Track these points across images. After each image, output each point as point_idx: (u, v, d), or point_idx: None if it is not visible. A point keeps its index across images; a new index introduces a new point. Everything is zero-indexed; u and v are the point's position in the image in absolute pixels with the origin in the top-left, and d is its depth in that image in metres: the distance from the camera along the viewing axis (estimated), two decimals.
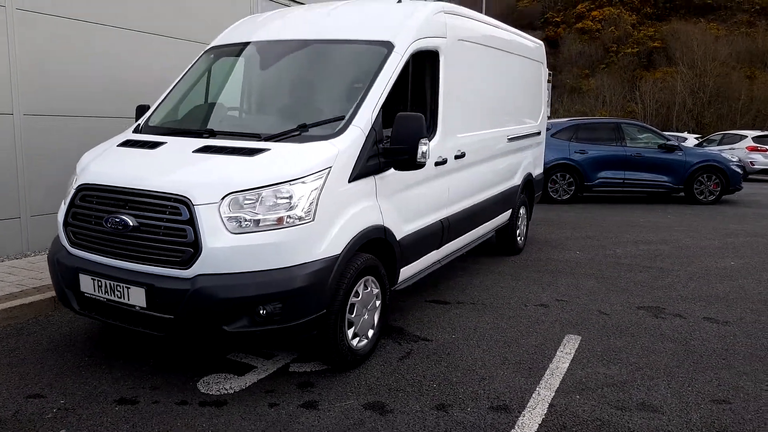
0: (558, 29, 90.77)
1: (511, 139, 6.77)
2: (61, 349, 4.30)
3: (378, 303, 4.26)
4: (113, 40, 7.07)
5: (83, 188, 3.83)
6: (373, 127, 4.01)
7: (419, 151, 4.04)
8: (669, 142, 13.29)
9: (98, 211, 3.70)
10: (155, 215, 3.50)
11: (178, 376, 3.89)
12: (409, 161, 4.07)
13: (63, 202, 4.01)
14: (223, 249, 3.38)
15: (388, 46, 4.38)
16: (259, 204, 3.46)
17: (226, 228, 3.40)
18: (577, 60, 79.36)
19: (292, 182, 3.52)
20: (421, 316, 5.19)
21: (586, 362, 4.35)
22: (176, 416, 3.41)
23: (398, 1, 4.97)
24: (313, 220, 3.56)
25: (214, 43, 5.23)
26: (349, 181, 3.83)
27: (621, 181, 13.06)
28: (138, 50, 7.31)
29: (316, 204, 3.57)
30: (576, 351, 4.54)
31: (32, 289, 5.10)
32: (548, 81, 8.48)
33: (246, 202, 3.47)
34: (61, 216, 3.95)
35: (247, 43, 4.96)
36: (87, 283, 3.70)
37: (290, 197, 3.50)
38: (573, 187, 13.00)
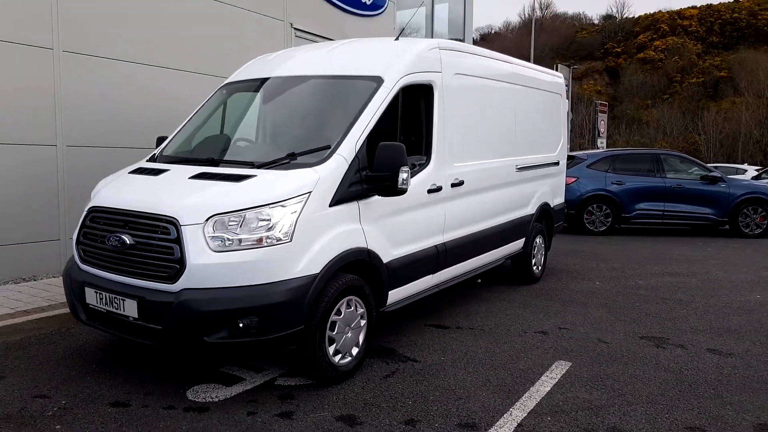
0: (618, 59, 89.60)
1: (521, 169, 6.91)
2: (74, 357, 4.71)
3: (363, 322, 4.47)
4: (148, 78, 7.68)
5: (93, 210, 4.26)
6: (356, 156, 4.28)
7: (400, 178, 4.27)
8: (711, 174, 13.00)
9: (103, 231, 4.10)
10: (149, 234, 3.87)
11: (171, 385, 4.20)
12: (391, 188, 4.31)
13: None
14: (205, 265, 3.70)
15: (377, 81, 4.68)
16: (241, 225, 3.77)
17: (209, 246, 3.72)
18: (638, 90, 78.00)
19: (271, 205, 3.82)
20: (416, 339, 5.35)
21: (569, 387, 4.40)
22: (160, 419, 3.70)
23: (395, 39, 5.29)
24: (291, 240, 3.83)
25: (228, 80, 5.67)
26: (330, 206, 4.10)
27: (660, 213, 12.83)
28: (171, 86, 7.89)
29: (294, 226, 3.85)
30: (562, 376, 4.60)
31: (59, 303, 5.57)
32: (568, 112, 8.58)
33: (230, 223, 3.78)
34: (74, 235, 4.38)
35: (255, 80, 5.38)
36: (91, 296, 4.09)
37: (270, 219, 3.79)
38: (610, 219, 12.85)
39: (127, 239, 3.91)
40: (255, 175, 4.07)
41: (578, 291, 7.40)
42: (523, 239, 7.25)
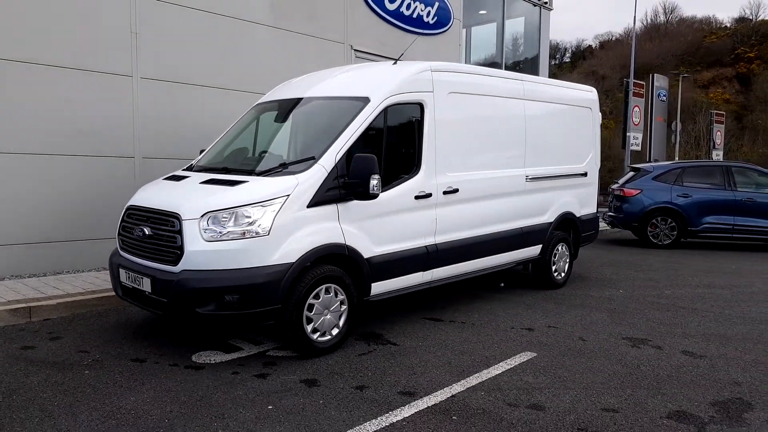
0: (751, 65, 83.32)
1: (533, 179, 7.38)
2: (119, 326, 5.88)
3: (344, 308, 5.25)
4: (214, 99, 8.93)
5: (129, 208, 5.38)
6: (336, 165, 5.09)
7: (370, 185, 5.04)
8: None
9: (133, 224, 5.20)
10: (160, 226, 4.91)
11: (183, 349, 5.21)
12: (363, 193, 5.09)
13: None
14: (199, 252, 4.67)
15: (365, 101, 5.48)
16: (229, 221, 4.70)
17: (202, 237, 4.68)
18: None
19: (253, 205, 4.72)
20: (406, 328, 6.03)
21: (519, 372, 4.91)
22: (163, 372, 4.70)
23: (394, 63, 6.06)
24: (269, 234, 4.71)
25: (258, 101, 6.70)
26: (308, 207, 4.93)
27: (730, 227, 12.48)
28: (235, 106, 9.06)
29: (272, 222, 4.72)
30: (519, 363, 5.10)
31: None
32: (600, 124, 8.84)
33: (223, 219, 4.73)
34: (117, 228, 5.53)
35: (276, 101, 6.36)
36: (123, 275, 5.20)
37: (251, 216, 4.70)
38: (675, 233, 12.68)
39: (147, 230, 4.98)
40: (247, 181, 5.00)
41: (595, 297, 7.70)
42: (540, 246, 7.68)
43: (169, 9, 8.51)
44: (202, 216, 4.72)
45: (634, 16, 22.00)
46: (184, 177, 5.56)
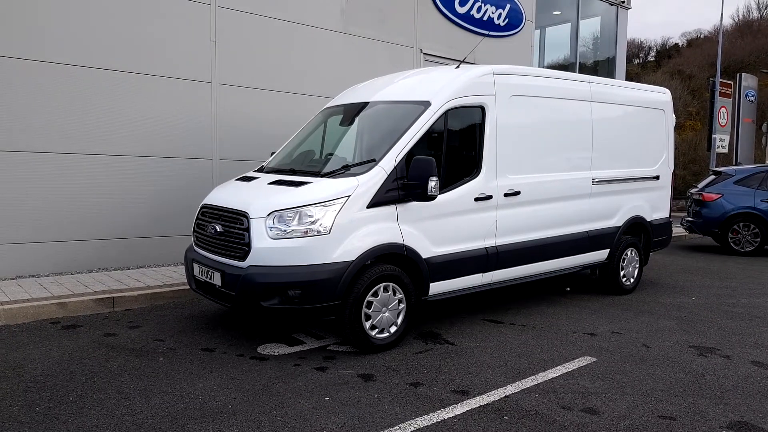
0: None
1: (600, 182, 7.27)
2: (193, 317, 6.26)
3: (402, 306, 5.39)
4: (287, 104, 9.29)
5: (203, 207, 5.73)
6: (395, 167, 5.24)
7: (429, 186, 5.16)
8: None
9: (206, 222, 5.54)
10: (231, 224, 5.21)
11: (251, 341, 5.50)
12: (422, 194, 5.21)
13: None
14: (264, 249, 4.93)
15: (426, 105, 5.60)
16: (293, 220, 4.94)
17: (268, 235, 4.94)
18: None
19: (315, 205, 4.94)
20: (465, 329, 6.10)
21: (577, 376, 4.89)
22: (230, 362, 4.99)
23: (456, 67, 6.15)
24: (329, 233, 4.91)
25: (326, 106, 6.94)
26: (368, 207, 5.10)
27: None
28: (307, 110, 9.39)
29: (333, 222, 4.92)
30: (577, 368, 5.07)
31: None
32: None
33: (287, 217, 4.97)
34: (192, 225, 5.89)
35: (341, 105, 6.58)
36: (197, 269, 5.55)
37: (313, 216, 4.91)
38: (759, 239, 12.05)
39: (218, 227, 5.30)
40: (311, 182, 5.23)
41: (665, 304, 7.48)
42: (607, 250, 7.55)
43: (246, 18, 8.93)
44: (269, 215, 4.98)
45: (722, 12, 20.90)
46: (254, 178, 5.86)
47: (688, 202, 13.71)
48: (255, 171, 6.36)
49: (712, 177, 13.26)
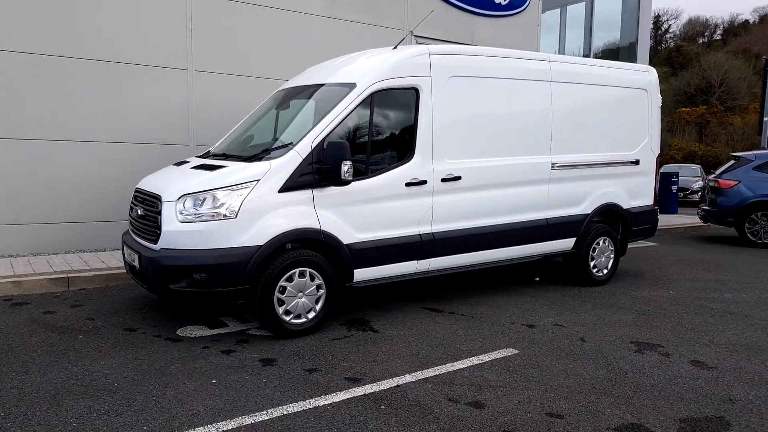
0: None
1: (561, 167, 6.95)
2: (131, 299, 6.41)
3: (321, 292, 5.33)
4: (265, 89, 9.24)
5: (136, 191, 5.81)
6: (311, 152, 5.16)
7: (342, 170, 5.06)
8: None
9: (134, 205, 5.62)
10: (149, 207, 5.26)
11: (174, 323, 5.57)
12: (336, 178, 5.12)
13: None
14: (173, 232, 4.96)
15: (350, 87, 5.48)
16: (201, 203, 4.95)
17: (177, 218, 4.97)
18: None
19: (222, 189, 4.93)
20: (397, 316, 5.97)
21: (486, 369, 4.71)
22: (145, 341, 5.08)
23: (393, 48, 5.99)
24: (236, 217, 4.89)
25: (277, 89, 6.90)
26: (279, 191, 5.05)
27: None
28: None
29: (240, 206, 4.90)
30: (491, 360, 4.88)
31: None
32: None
33: (197, 201, 4.98)
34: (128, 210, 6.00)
35: (284, 89, 6.53)
36: (126, 252, 5.64)
37: (220, 199, 4.90)
38: None
39: (140, 211, 5.37)
40: (226, 166, 5.21)
41: (635, 297, 7.13)
42: (573, 239, 7.25)
43: (223, 4, 8.98)
44: (179, 198, 5.00)
45: None
46: (184, 162, 5.90)
47: (707, 190, 13.02)
48: (198, 156, 6.40)
49: (731, 162, 12.53)
